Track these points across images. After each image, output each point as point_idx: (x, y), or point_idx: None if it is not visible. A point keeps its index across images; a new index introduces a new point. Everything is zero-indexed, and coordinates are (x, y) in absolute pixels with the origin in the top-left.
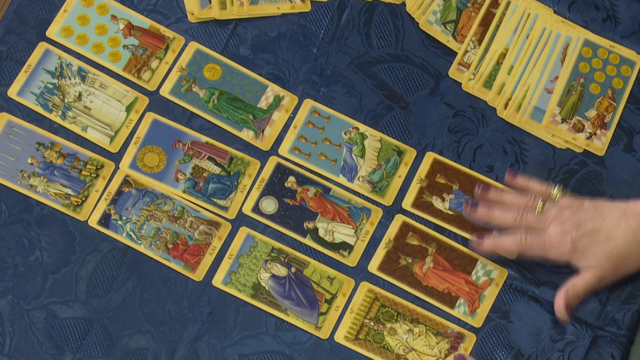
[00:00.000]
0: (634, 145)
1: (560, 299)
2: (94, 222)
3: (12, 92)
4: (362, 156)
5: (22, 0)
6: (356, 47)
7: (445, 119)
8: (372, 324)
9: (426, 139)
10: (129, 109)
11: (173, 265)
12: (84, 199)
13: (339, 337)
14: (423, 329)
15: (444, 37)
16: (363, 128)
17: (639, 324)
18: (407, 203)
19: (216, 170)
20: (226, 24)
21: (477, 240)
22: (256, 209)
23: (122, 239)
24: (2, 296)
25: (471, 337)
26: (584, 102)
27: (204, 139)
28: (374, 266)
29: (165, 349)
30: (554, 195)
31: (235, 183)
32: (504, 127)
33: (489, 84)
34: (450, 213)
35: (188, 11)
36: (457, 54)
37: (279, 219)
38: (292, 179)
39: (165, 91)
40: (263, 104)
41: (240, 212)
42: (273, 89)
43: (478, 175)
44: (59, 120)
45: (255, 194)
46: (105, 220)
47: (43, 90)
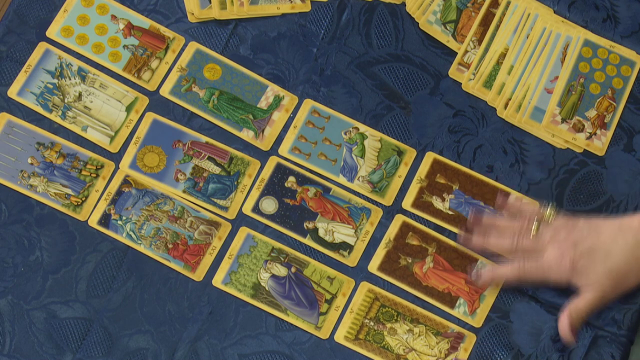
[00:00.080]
0: (634, 145)
1: (564, 321)
2: (94, 222)
3: (12, 92)
4: (362, 156)
5: (22, 0)
6: (356, 47)
7: (445, 119)
8: (372, 324)
9: (426, 139)
10: (129, 109)
11: (173, 265)
12: (84, 199)
13: (339, 337)
14: (423, 329)
15: (444, 37)
16: (363, 128)
17: (639, 324)
18: (407, 203)
19: (216, 170)
20: (226, 24)
21: (476, 273)
22: (256, 209)
23: (122, 239)
24: (2, 296)
25: (471, 337)
26: (584, 102)
27: (204, 139)
28: (374, 266)
29: (165, 349)
30: (547, 216)
31: (235, 183)
32: (504, 127)
33: (489, 84)
34: (450, 213)
35: (188, 11)
36: (457, 54)
37: (279, 219)
38: (292, 179)
39: (165, 91)
40: (263, 104)
41: (240, 212)
42: (273, 89)
43: (478, 175)
44: (59, 120)
45: (255, 194)
46: (105, 220)
47: (43, 90)
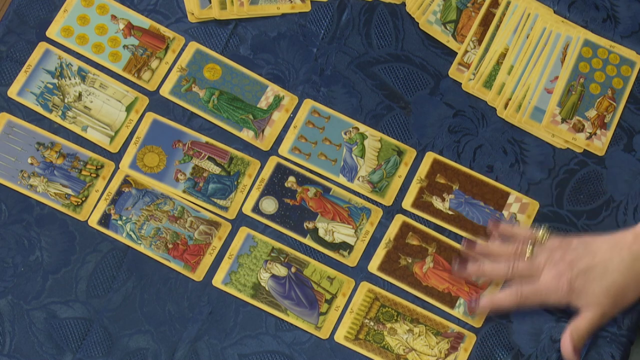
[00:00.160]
0: (634, 145)
1: (566, 343)
2: (94, 222)
3: (12, 92)
4: (362, 156)
5: (22, 0)
6: (356, 47)
7: (445, 119)
8: (372, 324)
9: (426, 139)
10: (129, 109)
11: (173, 265)
12: (84, 199)
13: (339, 337)
14: (423, 329)
15: (444, 37)
16: (363, 128)
17: (639, 324)
18: (407, 203)
19: (216, 170)
20: (226, 24)
21: (473, 302)
22: (256, 209)
23: (122, 239)
24: (2, 296)
25: (471, 337)
26: (584, 102)
27: (204, 139)
28: (374, 266)
29: (165, 349)
30: (540, 238)
31: (235, 183)
32: (504, 127)
33: (489, 84)
34: (450, 213)
35: (188, 11)
36: (457, 54)
37: (279, 219)
38: (292, 179)
39: (165, 91)
40: (263, 104)
41: (240, 212)
42: (273, 89)
43: (478, 175)
44: (59, 120)
45: (255, 194)
46: (105, 220)
47: (43, 90)
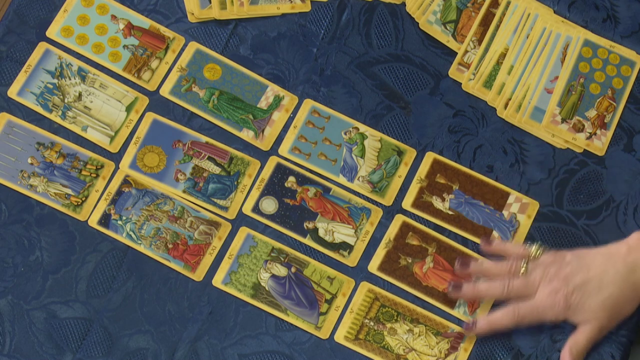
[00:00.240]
0: (634, 145)
1: (566, 358)
2: (94, 222)
3: (12, 92)
4: (362, 156)
5: (22, 0)
6: (356, 47)
7: (445, 119)
8: (372, 324)
9: (426, 139)
10: (129, 109)
11: (173, 265)
12: (84, 199)
13: (339, 337)
14: (423, 329)
15: (444, 37)
16: (363, 128)
17: (639, 324)
18: (407, 203)
19: (216, 170)
20: (226, 24)
21: (471, 322)
22: (256, 209)
23: (122, 239)
24: (2, 296)
25: (471, 337)
26: (584, 102)
27: (204, 139)
28: (374, 266)
29: (165, 349)
30: (533, 254)
31: (235, 183)
32: (504, 127)
33: (489, 84)
34: (450, 213)
35: (188, 11)
36: (457, 54)
37: (279, 219)
38: (292, 179)
39: (165, 91)
40: (263, 104)
41: (240, 212)
42: (273, 89)
43: (478, 175)
44: (59, 120)
45: (255, 194)
46: (105, 220)
47: (43, 90)
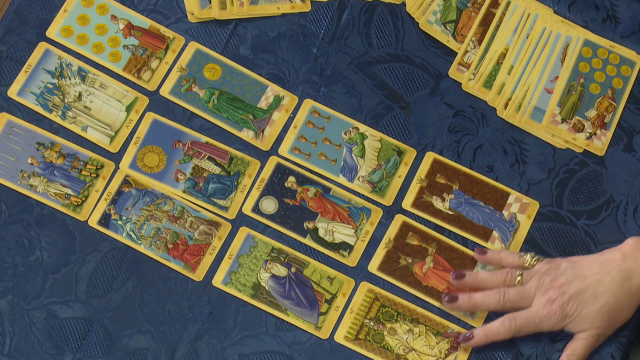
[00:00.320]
0: (634, 145)
1: None
2: (94, 222)
3: (12, 92)
4: (362, 156)
5: (22, 0)
6: (356, 47)
7: (445, 119)
8: (372, 324)
9: (426, 139)
10: (129, 109)
11: (173, 265)
12: (84, 199)
13: (339, 337)
14: (423, 329)
15: (444, 37)
16: (363, 128)
17: (639, 324)
18: (407, 203)
19: (216, 170)
20: (226, 24)
21: (468, 334)
22: (256, 209)
23: (122, 239)
24: (2, 296)
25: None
26: (584, 102)
27: (204, 139)
28: (374, 266)
29: (165, 349)
30: (528, 263)
31: (235, 183)
32: (504, 127)
33: (489, 84)
34: (450, 213)
35: (188, 11)
36: (457, 54)
37: (279, 219)
38: (292, 179)
39: (165, 91)
40: (263, 104)
41: (240, 212)
42: (273, 89)
43: (478, 175)
44: (59, 120)
45: (255, 194)
46: (105, 220)
47: (43, 90)
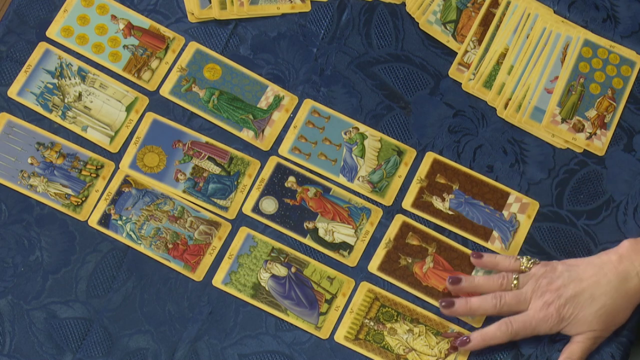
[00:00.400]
0: (634, 145)
1: None
2: (94, 222)
3: (12, 92)
4: (362, 156)
5: (22, 0)
6: (356, 47)
7: (445, 119)
8: (372, 324)
9: (426, 139)
10: (129, 109)
11: (173, 265)
12: (84, 199)
13: (339, 337)
14: (423, 329)
15: (444, 37)
16: (363, 128)
17: (639, 324)
18: (407, 203)
19: (216, 170)
20: (226, 24)
21: (465, 338)
22: (256, 209)
23: (122, 239)
24: (2, 296)
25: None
26: (584, 102)
27: (204, 139)
28: (374, 266)
29: (165, 349)
30: (524, 266)
31: (235, 183)
32: (504, 127)
33: (489, 84)
34: (450, 213)
35: (188, 11)
36: (457, 54)
37: (279, 219)
38: (292, 179)
39: (165, 91)
40: (263, 104)
41: (240, 212)
42: (273, 89)
43: (478, 175)
44: (59, 120)
45: (255, 194)
46: (105, 220)
47: (43, 90)
